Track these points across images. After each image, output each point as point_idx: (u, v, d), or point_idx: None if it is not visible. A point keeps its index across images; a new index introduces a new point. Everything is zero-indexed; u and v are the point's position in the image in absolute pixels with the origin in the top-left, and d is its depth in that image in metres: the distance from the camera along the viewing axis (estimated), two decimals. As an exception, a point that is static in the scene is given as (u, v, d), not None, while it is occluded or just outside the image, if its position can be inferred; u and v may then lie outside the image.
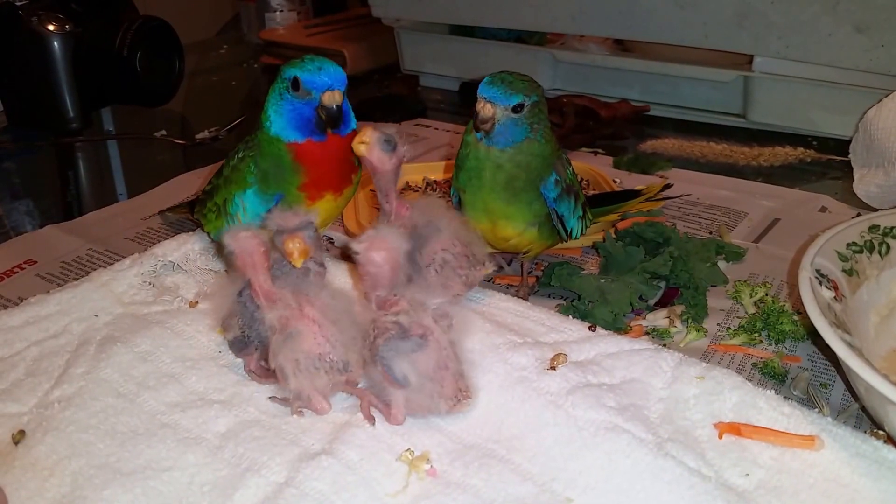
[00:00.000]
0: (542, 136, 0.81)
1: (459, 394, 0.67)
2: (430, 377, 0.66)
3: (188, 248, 0.93)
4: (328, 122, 0.81)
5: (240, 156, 0.87)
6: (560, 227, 0.86)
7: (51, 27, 1.37)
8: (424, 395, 0.66)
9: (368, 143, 0.76)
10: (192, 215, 0.98)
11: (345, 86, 0.81)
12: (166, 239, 0.96)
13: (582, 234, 0.90)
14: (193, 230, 0.96)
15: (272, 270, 0.71)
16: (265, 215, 0.77)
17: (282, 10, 2.09)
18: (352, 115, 0.84)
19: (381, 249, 0.68)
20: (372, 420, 0.67)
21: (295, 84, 0.80)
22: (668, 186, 1.06)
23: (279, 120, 0.83)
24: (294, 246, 0.68)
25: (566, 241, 0.90)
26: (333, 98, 0.80)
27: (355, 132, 0.83)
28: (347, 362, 0.68)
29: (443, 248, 0.79)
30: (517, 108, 0.78)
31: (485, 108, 0.79)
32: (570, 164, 0.87)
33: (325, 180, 0.84)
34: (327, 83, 0.80)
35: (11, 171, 1.36)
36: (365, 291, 0.70)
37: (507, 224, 0.84)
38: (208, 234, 0.92)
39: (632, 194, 1.03)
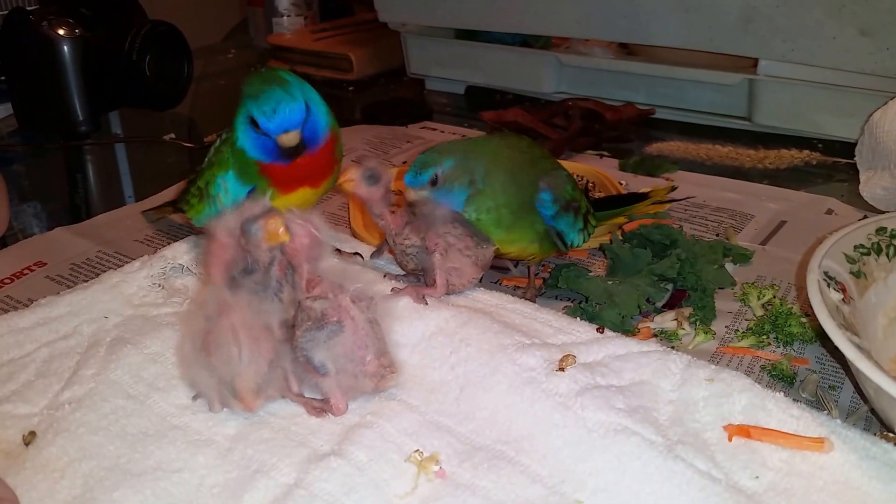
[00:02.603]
0: (487, 182, 0.81)
1: (383, 370, 0.69)
2: (350, 358, 0.68)
3: (199, 251, 0.93)
4: (290, 156, 0.82)
5: (223, 138, 0.88)
6: (559, 241, 0.87)
7: (61, 31, 1.37)
8: (349, 376, 0.68)
9: (353, 180, 0.82)
10: (175, 209, 0.99)
11: (301, 122, 0.81)
12: (176, 241, 0.96)
13: (585, 241, 0.90)
14: (202, 233, 0.96)
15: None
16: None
17: (289, 15, 2.10)
18: (320, 128, 0.84)
19: (312, 227, 0.71)
20: (321, 415, 0.69)
21: (253, 122, 0.81)
22: (673, 189, 1.06)
23: (246, 141, 0.84)
24: (276, 224, 0.68)
25: (566, 253, 0.91)
26: (289, 140, 0.80)
27: (332, 140, 0.86)
28: (234, 389, 0.68)
29: (444, 230, 0.82)
30: (434, 182, 0.80)
31: (408, 194, 0.81)
32: (570, 180, 0.88)
33: (295, 182, 0.86)
34: (282, 127, 0.80)
35: (21, 173, 1.36)
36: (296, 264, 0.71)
37: (509, 245, 0.85)
38: (190, 220, 0.93)
39: (639, 197, 1.03)
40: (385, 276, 0.88)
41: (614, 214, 1.00)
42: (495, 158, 0.82)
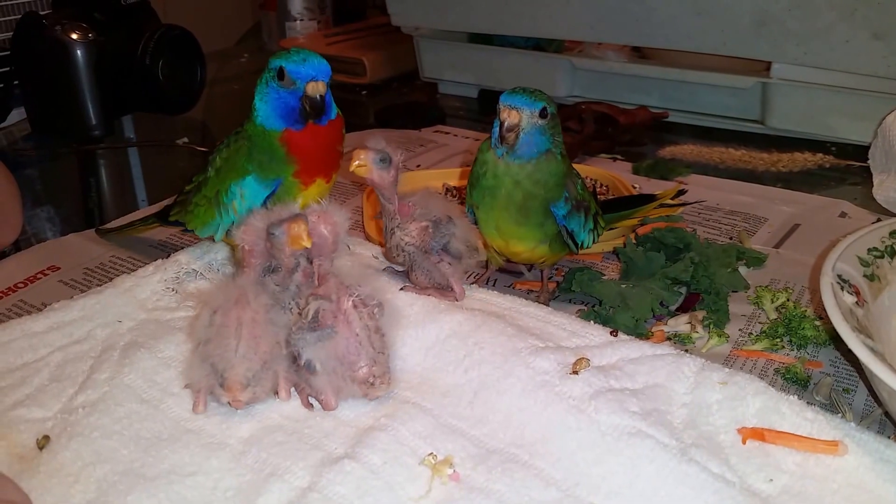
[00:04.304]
0: (560, 152, 0.82)
1: (374, 379, 0.70)
2: (340, 362, 0.69)
3: (211, 256, 0.94)
4: (311, 112, 0.83)
5: (231, 147, 0.88)
6: (570, 241, 0.87)
7: (74, 36, 1.38)
8: (338, 378, 0.69)
9: (365, 164, 0.80)
10: (165, 222, 0.98)
11: (328, 77, 0.83)
12: (189, 246, 0.96)
13: (594, 242, 0.90)
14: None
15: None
16: (256, 209, 0.79)
17: (302, 19, 2.10)
18: (333, 105, 0.86)
19: (328, 223, 0.72)
20: (310, 407, 0.71)
21: (280, 74, 0.82)
22: (682, 192, 1.06)
23: (264, 108, 0.85)
24: (300, 229, 0.70)
25: (577, 254, 0.91)
26: (317, 88, 0.82)
27: (337, 120, 0.87)
28: (224, 379, 0.69)
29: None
30: (543, 114, 0.78)
31: (511, 115, 0.78)
32: (579, 178, 0.88)
33: (316, 167, 0.87)
34: (311, 74, 0.82)
35: (34, 177, 1.37)
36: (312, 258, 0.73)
37: (518, 242, 0.85)
38: (186, 230, 0.93)
39: (646, 199, 1.03)
40: (403, 288, 0.87)
41: (622, 216, 0.99)
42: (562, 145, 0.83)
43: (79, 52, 1.38)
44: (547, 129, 0.79)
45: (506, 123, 0.78)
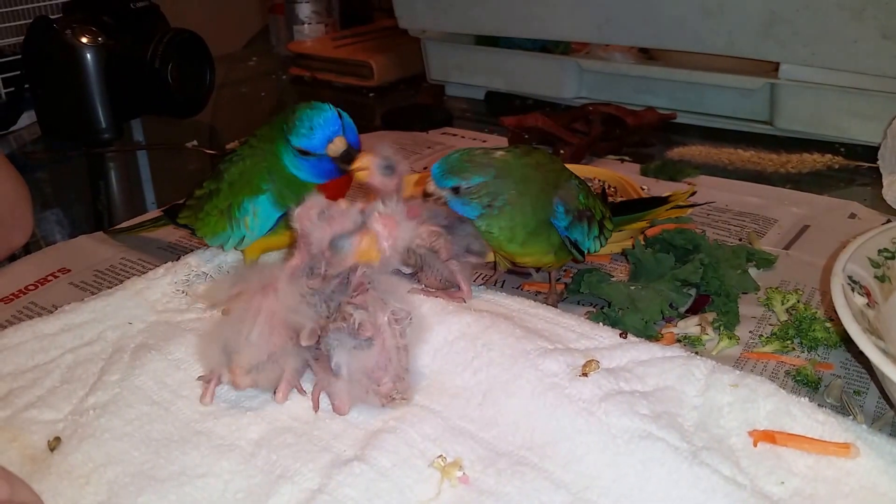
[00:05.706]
0: (506, 209, 0.81)
1: (396, 394, 0.70)
2: (366, 374, 0.68)
3: (221, 259, 0.94)
4: (345, 164, 0.82)
5: (247, 162, 0.87)
6: (574, 250, 0.86)
7: (84, 40, 1.39)
8: (360, 389, 0.69)
9: (368, 170, 0.80)
10: (175, 224, 0.98)
11: (339, 125, 0.82)
12: (199, 249, 0.97)
13: (602, 246, 0.90)
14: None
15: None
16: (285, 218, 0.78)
17: (310, 23, 2.11)
18: (355, 131, 0.85)
19: (394, 233, 0.72)
20: (317, 407, 0.71)
21: (303, 152, 0.82)
22: (693, 194, 1.06)
23: (303, 173, 0.85)
24: (371, 242, 0.70)
25: (583, 261, 0.91)
26: (337, 147, 0.81)
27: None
28: (230, 360, 0.69)
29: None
30: (455, 191, 0.79)
31: (428, 185, 0.81)
32: (582, 188, 0.87)
33: (338, 195, 0.86)
34: (325, 139, 0.81)
35: (44, 180, 1.38)
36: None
37: (524, 256, 0.86)
38: (195, 236, 0.93)
39: (659, 201, 1.03)
40: (410, 290, 0.86)
41: (634, 219, 0.99)
42: (522, 184, 0.81)
43: (89, 55, 1.39)
44: (467, 200, 0.80)
45: (425, 190, 0.81)
